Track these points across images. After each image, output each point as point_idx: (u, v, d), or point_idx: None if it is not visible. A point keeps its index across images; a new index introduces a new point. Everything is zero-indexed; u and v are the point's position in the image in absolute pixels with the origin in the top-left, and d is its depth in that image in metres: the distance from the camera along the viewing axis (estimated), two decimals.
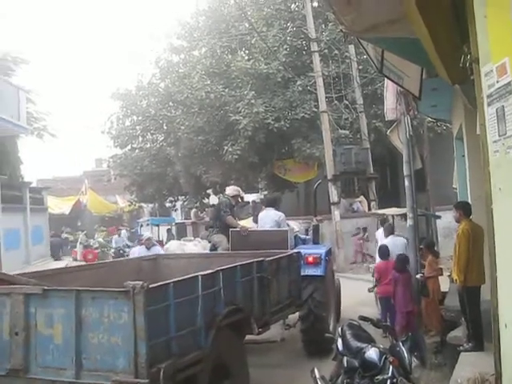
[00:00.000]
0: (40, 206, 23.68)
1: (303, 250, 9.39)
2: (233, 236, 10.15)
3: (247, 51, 23.42)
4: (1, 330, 4.98)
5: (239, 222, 11.09)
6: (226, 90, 21.14)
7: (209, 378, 5.46)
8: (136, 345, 4.45)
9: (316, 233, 11.80)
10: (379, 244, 11.43)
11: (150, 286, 4.61)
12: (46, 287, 5.01)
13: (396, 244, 10.79)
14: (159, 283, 5.00)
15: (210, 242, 10.99)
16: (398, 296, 9.44)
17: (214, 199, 30.46)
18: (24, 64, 24.32)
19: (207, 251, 10.90)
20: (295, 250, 9.04)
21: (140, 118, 27.12)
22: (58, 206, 37.22)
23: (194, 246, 13.13)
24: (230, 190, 11.58)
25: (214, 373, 5.58)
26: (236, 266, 6.43)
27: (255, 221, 11.57)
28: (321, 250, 9.75)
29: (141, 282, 4.50)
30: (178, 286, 5.06)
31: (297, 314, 8.96)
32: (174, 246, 13.48)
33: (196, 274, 5.48)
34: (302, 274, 8.81)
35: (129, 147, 28.61)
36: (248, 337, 6.93)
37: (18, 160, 24.21)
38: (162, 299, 4.83)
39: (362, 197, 21.79)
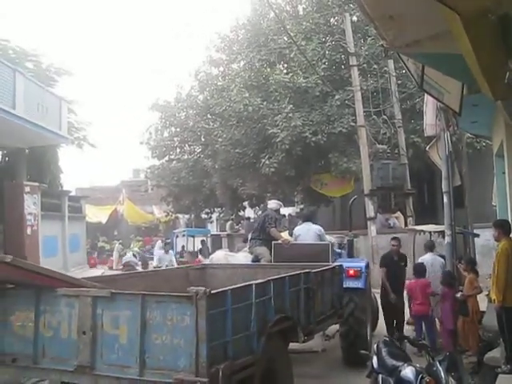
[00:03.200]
0: (78, 215, 23.99)
1: (344, 263, 9.64)
2: (276, 248, 10.46)
3: (286, 65, 23.47)
4: (69, 329, 5.35)
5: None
6: (264, 103, 21.17)
7: (258, 382, 5.75)
8: (197, 346, 4.76)
9: (350, 247, 11.89)
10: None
11: (212, 291, 4.92)
12: (113, 291, 5.35)
13: (434, 263, 10.65)
14: (219, 289, 5.28)
15: (251, 253, 11.29)
16: (445, 312, 9.30)
17: (249, 212, 30.51)
18: (67, 75, 24.78)
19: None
20: (338, 263, 9.29)
21: (178, 129, 27.34)
22: (96, 214, 37.62)
23: (244, 257, 13.34)
24: (273, 203, 12.03)
25: (262, 377, 5.84)
26: (285, 277, 6.70)
27: (291, 234, 11.65)
28: (361, 264, 10.04)
29: (203, 288, 4.81)
30: (235, 293, 5.37)
31: (335, 325, 9.17)
32: (220, 256, 13.74)
33: (250, 282, 5.83)
34: (343, 286, 9.06)
35: (166, 158, 28.83)
36: (290, 346, 7.14)
37: (58, 169, 24.58)
38: (221, 305, 5.13)
39: (398, 212, 21.59)
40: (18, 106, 15.14)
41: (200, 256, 23.36)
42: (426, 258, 10.81)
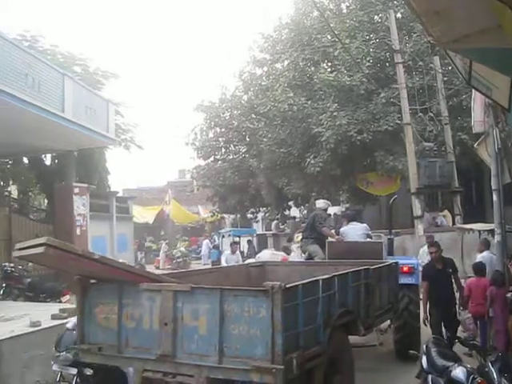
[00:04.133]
0: (125, 215, 24.30)
1: (398, 260, 9.92)
2: (329, 246, 10.83)
3: (330, 63, 23.37)
4: (151, 321, 5.81)
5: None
6: (309, 103, 21.14)
7: (324, 372, 6.14)
8: (273, 336, 5.14)
9: (390, 246, 11.98)
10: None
11: (286, 286, 5.29)
12: (193, 285, 5.75)
13: (492, 261, 10.48)
14: (292, 284, 5.64)
15: (304, 252, 11.67)
16: (497, 313, 9.15)
17: (295, 211, 30.48)
18: (113, 78, 25.12)
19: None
20: (393, 260, 9.56)
21: (223, 129, 27.52)
22: (142, 215, 38.07)
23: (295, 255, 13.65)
24: (321, 203, 12.44)
25: (327, 367, 6.22)
26: (348, 273, 7.12)
27: (337, 233, 11.81)
28: (414, 261, 10.55)
29: (278, 283, 5.20)
30: (305, 288, 5.75)
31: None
32: (267, 256, 14.00)
33: (317, 278, 6.21)
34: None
35: (212, 158, 29.05)
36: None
37: (106, 170, 24.95)
38: (293, 298, 5.48)
39: (446, 211, 21.32)
40: (67, 110, 15.41)
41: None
42: (485, 256, 10.68)
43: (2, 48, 12.39)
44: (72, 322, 7.33)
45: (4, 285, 14.87)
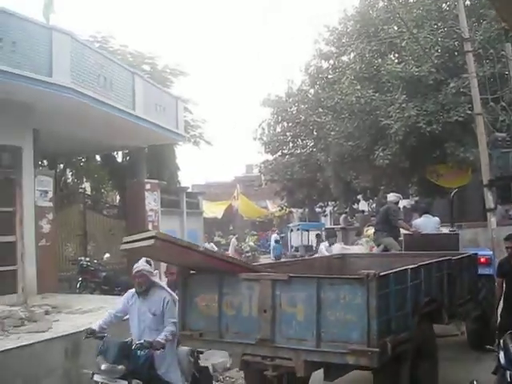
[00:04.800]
0: (196, 210, 24.60)
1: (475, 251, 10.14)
2: (406, 238, 11.34)
3: (397, 54, 23.06)
4: (250, 308, 6.26)
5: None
6: (377, 95, 20.91)
7: (411, 358, 6.58)
8: (368, 321, 5.52)
9: None
10: None
11: (380, 274, 5.69)
12: (290, 274, 6.18)
13: None
14: (386, 272, 6.06)
15: (378, 245, 11.94)
16: None
17: (363, 205, 30.25)
18: (181, 75, 25.53)
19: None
20: (472, 252, 9.81)
21: (290, 124, 27.54)
22: (211, 210, 38.50)
23: (359, 250, 13.83)
24: (392, 196, 12.69)
25: (414, 354, 6.67)
26: (432, 263, 7.47)
27: (410, 226, 11.97)
28: (490, 252, 10.87)
29: (373, 271, 5.62)
30: (396, 276, 6.19)
31: None
32: (337, 250, 14.15)
33: (406, 267, 6.58)
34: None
35: (279, 153, 29.11)
36: None
37: (176, 166, 25.37)
38: (386, 286, 5.88)
39: None
40: (138, 107, 15.76)
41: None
42: None
43: (76, 50, 12.77)
44: (98, 323, 7.10)
45: (80, 279, 15.37)
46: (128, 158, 22.86)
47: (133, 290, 7.07)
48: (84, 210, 17.94)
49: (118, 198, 24.93)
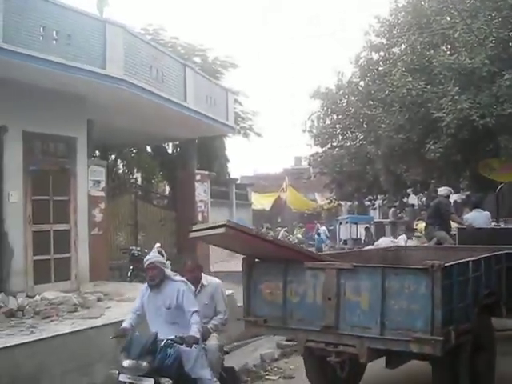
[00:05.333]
0: (244, 202, 24.82)
1: None
2: (459, 232, 11.33)
3: (449, 46, 22.66)
4: (315, 296, 6.43)
5: None
6: (428, 87, 20.57)
7: (470, 349, 6.64)
8: (433, 310, 5.66)
9: None
10: None
11: (445, 264, 5.81)
12: (355, 264, 6.40)
13: None
14: (450, 263, 6.11)
15: (430, 238, 12.01)
16: None
17: (413, 199, 29.92)
18: (231, 67, 25.66)
19: None
20: None
21: (340, 116, 27.31)
22: (260, 201, 38.59)
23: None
24: (444, 190, 12.72)
25: (473, 345, 6.71)
26: (491, 256, 7.46)
27: None
28: None
29: (438, 262, 5.74)
30: (458, 268, 6.29)
31: None
32: (386, 243, 14.16)
33: (467, 259, 6.65)
34: None
35: (329, 145, 28.90)
36: None
37: (226, 158, 25.58)
38: (449, 277, 5.97)
39: None
40: (189, 99, 15.91)
41: None
42: None
43: (128, 42, 12.96)
44: (128, 321, 6.63)
45: (131, 267, 15.62)
46: (178, 149, 23.13)
47: (146, 284, 6.70)
48: (135, 201, 18.23)
49: (167, 188, 25.25)
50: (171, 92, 14.97)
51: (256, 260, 7.09)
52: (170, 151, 24.22)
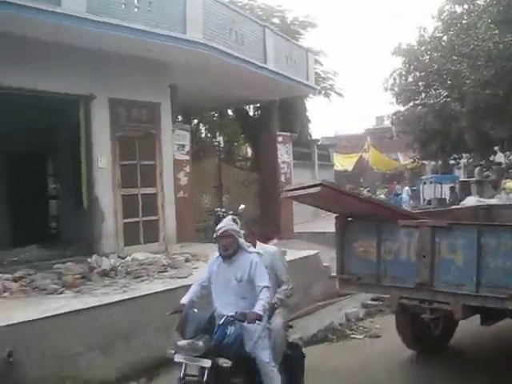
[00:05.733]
0: (326, 163, 24.75)
1: None
2: None
3: None
4: (408, 253, 6.47)
5: None
6: None
7: None
8: None
9: None
10: None
11: None
12: (450, 222, 6.42)
13: None
14: None
15: None
16: None
17: (500, 157, 29.05)
18: (310, 27, 25.40)
19: None
20: None
21: (423, 73, 26.61)
22: (341, 162, 38.33)
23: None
24: None
25: None
26: None
27: None
28: None
29: None
30: None
31: None
32: (472, 202, 13.92)
33: None
34: None
35: (411, 103, 28.30)
36: None
37: (307, 119, 25.49)
38: None
39: None
40: (269, 60, 15.88)
41: None
42: None
43: (207, 6, 12.98)
44: (188, 296, 5.98)
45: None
46: (259, 111, 23.19)
47: (217, 254, 6.07)
48: (219, 163, 18.46)
49: (249, 151, 25.44)
50: (251, 54, 14.97)
51: (349, 219, 7.15)
52: (251, 114, 24.33)
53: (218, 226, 5.96)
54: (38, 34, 9.99)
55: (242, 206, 16.82)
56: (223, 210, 16.45)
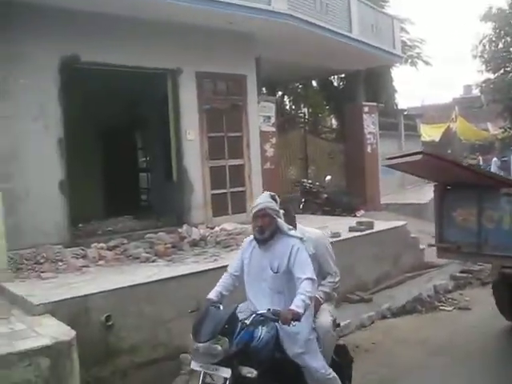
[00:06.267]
0: (413, 133, 24.27)
1: None
2: None
3: None
4: (511, 222, 6.34)
5: None
6: None
7: None
8: None
9: None
10: None
11: None
12: None
13: None
14: None
15: None
16: None
17: None
18: None
19: None
20: None
21: None
22: (428, 133, 37.41)
23: None
24: None
25: None
26: None
27: None
28: None
29: None
30: None
31: None
32: None
33: None
34: None
35: (502, 71, 27.39)
36: None
37: (393, 88, 25.05)
38: None
39: None
40: (354, 29, 15.63)
41: None
42: None
43: None
44: (217, 289, 5.03)
45: (303, 200, 15.99)
46: (344, 81, 22.97)
47: (251, 237, 5.09)
48: (304, 135, 18.45)
49: (334, 122, 25.28)
50: (336, 23, 14.77)
51: (448, 187, 7.09)
52: (335, 84, 24.12)
53: (254, 204, 4.98)
54: (130, 11, 10.27)
55: (328, 178, 16.83)
56: (309, 181, 16.51)
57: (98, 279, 7.66)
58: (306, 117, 22.31)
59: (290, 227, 4.97)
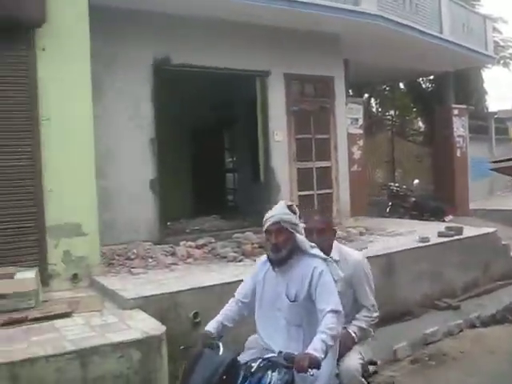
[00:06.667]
0: (504, 137, 23.58)
1: None
2: None
3: None
4: None
5: None
6: None
7: None
8: None
9: None
10: None
11: None
12: None
13: None
14: None
15: None
16: None
17: None
18: None
19: None
20: None
21: None
22: None
23: None
24: None
25: None
26: None
27: None
28: None
29: None
30: None
31: None
32: None
33: None
34: None
35: None
36: None
37: (483, 90, 24.41)
38: None
39: None
40: (445, 29, 15.31)
41: None
42: None
43: None
44: (219, 319, 4.09)
45: (390, 203, 15.80)
46: (433, 83, 22.55)
47: (264, 257, 4.09)
48: (391, 137, 18.24)
49: (421, 124, 24.86)
50: (426, 24, 14.51)
51: None
52: (423, 86, 23.71)
53: (267, 216, 3.90)
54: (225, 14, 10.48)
55: (417, 181, 16.56)
56: (396, 184, 16.31)
57: (186, 276, 7.80)
58: (393, 119, 22.05)
59: (313, 245, 3.96)
